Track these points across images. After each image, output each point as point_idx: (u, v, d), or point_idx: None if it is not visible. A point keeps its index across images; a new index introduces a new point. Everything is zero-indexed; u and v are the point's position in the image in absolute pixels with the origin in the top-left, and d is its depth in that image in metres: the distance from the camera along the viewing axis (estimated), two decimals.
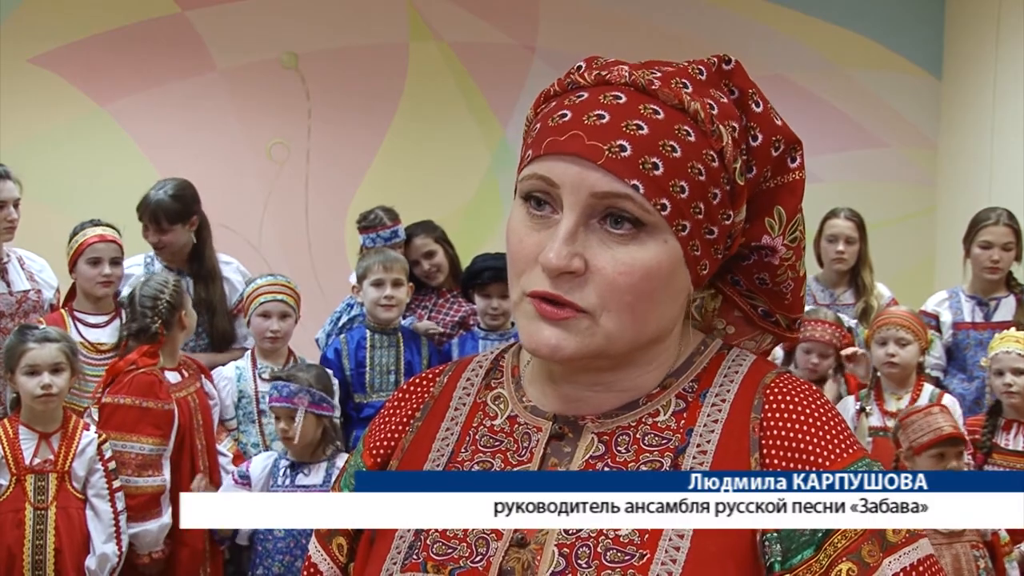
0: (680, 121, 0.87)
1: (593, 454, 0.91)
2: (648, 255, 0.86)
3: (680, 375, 0.95)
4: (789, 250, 0.96)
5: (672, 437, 0.90)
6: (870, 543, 0.84)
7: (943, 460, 2.84)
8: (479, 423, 0.98)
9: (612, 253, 0.86)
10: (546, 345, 0.87)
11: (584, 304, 0.86)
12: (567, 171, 0.85)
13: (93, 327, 3.35)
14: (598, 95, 0.88)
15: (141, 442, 2.96)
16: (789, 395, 0.91)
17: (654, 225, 0.86)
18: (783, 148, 0.94)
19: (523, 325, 0.89)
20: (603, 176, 0.84)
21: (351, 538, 1.01)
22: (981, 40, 5.35)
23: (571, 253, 0.85)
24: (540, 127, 0.90)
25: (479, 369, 1.03)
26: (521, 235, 0.89)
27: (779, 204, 0.95)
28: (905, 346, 3.41)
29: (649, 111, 0.86)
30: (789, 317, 1.03)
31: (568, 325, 0.87)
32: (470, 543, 0.90)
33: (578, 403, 0.94)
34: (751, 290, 1.01)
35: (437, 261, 3.96)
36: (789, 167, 0.95)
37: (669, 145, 0.85)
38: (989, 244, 3.79)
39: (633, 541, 0.85)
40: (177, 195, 3.53)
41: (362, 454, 1.03)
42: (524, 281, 0.88)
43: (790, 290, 0.99)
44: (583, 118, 0.86)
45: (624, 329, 0.87)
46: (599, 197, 0.85)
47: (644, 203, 0.85)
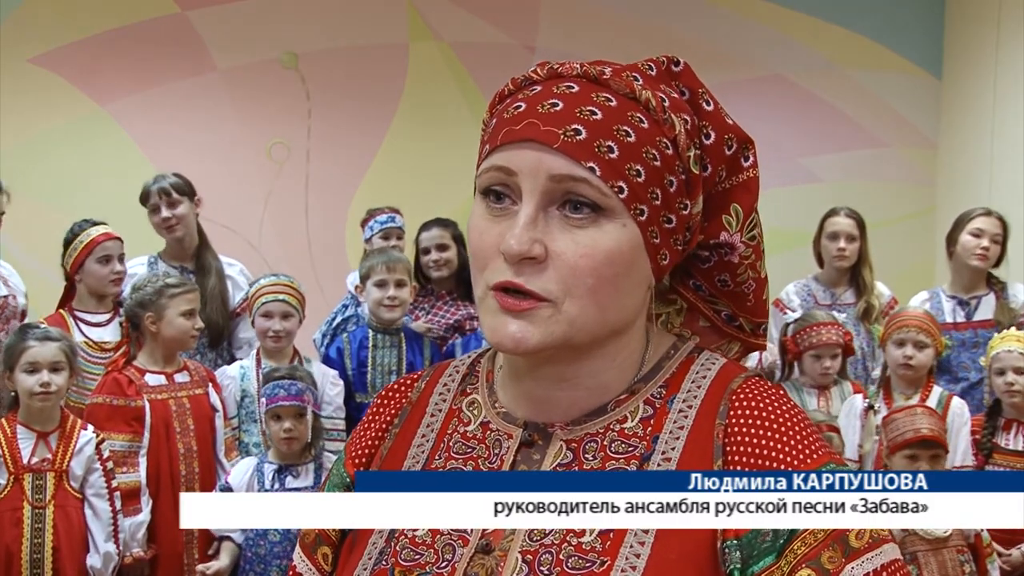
0: (633, 109, 0.88)
1: (561, 461, 0.91)
2: (608, 239, 0.86)
3: (649, 380, 0.94)
4: (748, 247, 0.97)
5: (639, 444, 0.90)
6: (831, 549, 0.83)
7: (915, 462, 2.84)
8: (453, 429, 0.98)
9: (572, 237, 0.86)
10: (510, 338, 0.87)
11: (546, 292, 0.86)
12: (524, 157, 0.86)
13: (95, 326, 3.37)
14: (551, 86, 0.89)
15: (113, 438, 2.98)
16: (755, 400, 0.91)
17: (612, 209, 0.86)
18: (736, 147, 0.94)
19: (487, 321, 0.89)
20: (560, 159, 0.85)
21: (336, 547, 1.02)
22: (981, 40, 5.35)
23: (532, 239, 0.85)
24: (496, 122, 0.91)
25: (456, 374, 1.04)
26: (481, 229, 0.89)
27: (735, 202, 0.95)
28: (923, 349, 3.40)
29: (602, 99, 0.87)
30: (753, 321, 1.03)
31: (531, 316, 0.86)
32: (437, 549, 0.91)
33: (546, 405, 0.94)
34: (713, 294, 1.01)
35: (447, 255, 3.96)
36: (743, 166, 0.96)
37: (623, 130, 0.86)
38: (980, 232, 3.79)
39: (595, 548, 0.86)
40: (178, 175, 3.65)
41: (344, 462, 1.04)
42: (487, 274, 0.88)
43: (752, 291, 1.00)
44: (537, 107, 0.87)
45: (587, 315, 0.87)
46: (557, 181, 0.85)
47: (601, 186, 0.85)
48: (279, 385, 3.04)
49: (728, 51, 5.52)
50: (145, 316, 3.12)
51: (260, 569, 2.93)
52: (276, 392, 3.03)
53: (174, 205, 3.57)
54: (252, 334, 3.57)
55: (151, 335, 3.14)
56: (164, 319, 3.13)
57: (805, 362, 3.52)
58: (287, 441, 3.00)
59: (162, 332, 3.14)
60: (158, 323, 3.13)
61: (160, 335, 3.14)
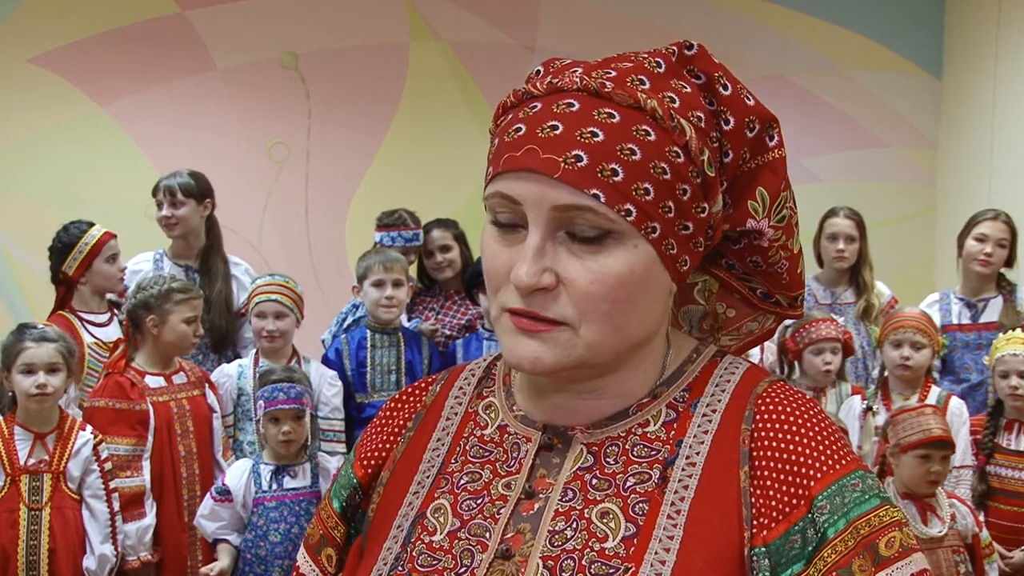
0: (638, 121, 0.84)
1: (582, 465, 0.90)
2: (618, 263, 0.84)
3: (671, 384, 0.93)
4: (777, 231, 0.94)
5: (662, 448, 0.89)
6: (861, 557, 0.82)
7: (928, 461, 2.82)
8: (470, 433, 0.97)
9: (582, 263, 0.84)
10: (526, 359, 0.86)
11: (562, 317, 0.84)
12: (526, 189, 0.84)
13: (100, 326, 3.37)
14: (551, 105, 0.85)
15: (117, 443, 2.96)
16: (781, 405, 0.89)
17: (621, 232, 0.84)
18: (759, 128, 0.91)
19: (504, 341, 0.88)
20: (562, 190, 0.82)
21: (341, 550, 1.01)
22: (981, 40, 5.35)
23: (540, 269, 0.83)
24: (498, 143, 0.88)
25: (471, 377, 1.02)
26: (493, 251, 0.88)
27: (761, 185, 0.92)
28: (920, 349, 3.40)
29: (604, 116, 0.84)
30: (789, 295, 1.01)
31: (547, 338, 0.85)
32: (455, 554, 0.89)
33: (568, 411, 0.93)
34: (747, 273, 0.99)
35: (451, 256, 3.97)
36: (768, 146, 0.92)
37: (627, 148, 0.83)
38: (984, 237, 3.78)
39: (618, 554, 0.84)
40: (194, 175, 3.64)
41: (353, 464, 1.02)
42: (501, 297, 0.87)
43: (785, 269, 0.97)
44: (537, 131, 0.84)
45: (604, 338, 0.86)
46: (561, 210, 0.83)
47: (607, 212, 0.82)
48: (278, 388, 3.01)
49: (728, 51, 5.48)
50: (147, 318, 3.11)
51: (261, 570, 2.91)
52: (275, 395, 3.01)
53: (176, 205, 3.57)
54: (252, 337, 3.58)
55: (151, 337, 3.14)
56: (166, 324, 3.12)
57: (805, 359, 3.51)
58: (285, 444, 2.99)
59: (162, 336, 3.13)
60: (160, 327, 3.12)
61: (160, 339, 3.13)
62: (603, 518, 0.86)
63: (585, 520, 0.87)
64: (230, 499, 2.95)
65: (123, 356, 3.12)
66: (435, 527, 0.92)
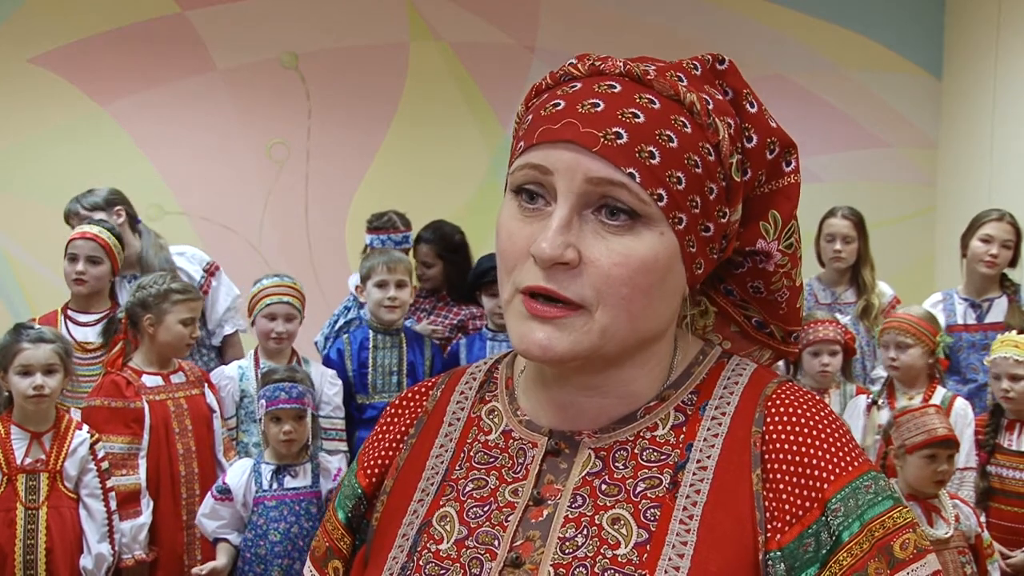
0: (676, 112, 0.84)
1: (590, 470, 0.88)
2: (644, 247, 0.82)
3: (679, 386, 0.91)
4: (784, 256, 0.94)
5: (671, 452, 0.88)
6: (877, 560, 0.81)
7: (934, 461, 2.81)
8: (473, 439, 0.95)
9: (607, 244, 0.82)
10: (537, 345, 0.83)
11: (578, 298, 0.82)
12: (561, 157, 0.82)
13: (83, 326, 3.36)
14: (592, 84, 0.85)
15: (112, 441, 2.97)
16: (791, 407, 0.88)
17: (650, 216, 0.83)
18: (778, 151, 0.91)
19: (513, 326, 0.85)
20: (599, 162, 0.81)
21: (347, 561, 0.99)
22: (981, 40, 5.35)
23: (565, 243, 0.81)
24: (532, 118, 0.87)
25: (472, 381, 1.00)
26: (512, 229, 0.86)
27: (774, 208, 0.92)
28: (906, 349, 3.41)
29: (645, 100, 0.84)
30: (784, 329, 1.00)
31: (561, 324, 0.83)
32: (464, 563, 0.87)
33: (573, 411, 0.91)
34: (745, 300, 0.98)
35: (432, 273, 4.02)
36: (784, 171, 0.93)
37: (666, 135, 0.83)
38: (989, 238, 3.78)
39: (631, 561, 0.83)
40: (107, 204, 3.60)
41: (356, 473, 1.00)
42: (516, 276, 0.85)
43: (785, 299, 0.96)
44: (577, 107, 0.83)
45: (619, 325, 0.84)
46: (594, 184, 0.82)
47: (640, 192, 0.81)
48: (280, 388, 3.02)
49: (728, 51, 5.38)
50: (144, 317, 3.11)
51: (260, 569, 2.91)
52: (277, 395, 3.01)
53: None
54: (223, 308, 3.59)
55: (148, 336, 3.14)
56: (163, 324, 3.12)
57: (804, 360, 3.52)
58: (286, 443, 2.99)
59: (158, 336, 3.13)
60: (156, 327, 3.12)
61: (156, 338, 3.13)
62: (614, 524, 0.85)
63: (596, 526, 0.85)
64: (230, 498, 2.95)
65: (120, 354, 3.12)
66: (441, 535, 0.90)
